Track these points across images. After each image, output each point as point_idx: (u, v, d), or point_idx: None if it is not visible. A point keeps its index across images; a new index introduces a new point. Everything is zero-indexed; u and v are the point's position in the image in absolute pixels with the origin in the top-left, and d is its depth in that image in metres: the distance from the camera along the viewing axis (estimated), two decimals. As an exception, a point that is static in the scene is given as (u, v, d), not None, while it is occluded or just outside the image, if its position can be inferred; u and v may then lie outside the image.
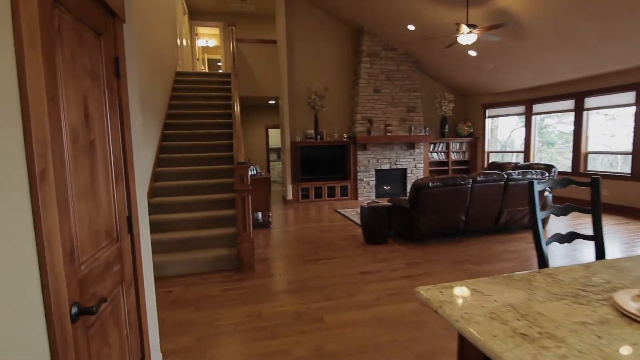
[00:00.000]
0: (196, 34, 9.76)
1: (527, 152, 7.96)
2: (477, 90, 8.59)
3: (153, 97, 4.77)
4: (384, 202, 4.63)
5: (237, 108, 4.81)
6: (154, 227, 3.96)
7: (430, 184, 4.13)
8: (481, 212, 4.54)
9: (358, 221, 5.74)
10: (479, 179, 4.36)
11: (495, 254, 4.06)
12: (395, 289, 3.12)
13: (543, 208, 4.95)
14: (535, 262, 3.68)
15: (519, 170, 4.66)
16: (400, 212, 4.57)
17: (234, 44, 7.06)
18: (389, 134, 8.05)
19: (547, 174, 4.85)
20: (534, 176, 4.58)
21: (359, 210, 6.77)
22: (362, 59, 7.89)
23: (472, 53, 7.03)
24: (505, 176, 4.50)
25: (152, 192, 4.31)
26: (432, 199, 4.19)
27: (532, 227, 1.66)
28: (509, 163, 7.11)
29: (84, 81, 1.19)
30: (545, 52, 5.88)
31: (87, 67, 1.22)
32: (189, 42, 9.42)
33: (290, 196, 7.79)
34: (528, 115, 7.88)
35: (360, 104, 7.94)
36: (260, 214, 5.65)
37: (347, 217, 6.17)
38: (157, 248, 3.76)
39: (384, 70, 8.06)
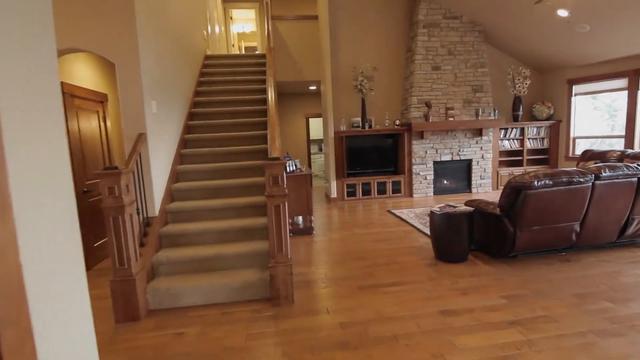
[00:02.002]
0: (231, 18, 9.02)
1: (629, 136, 6.34)
2: (561, 63, 7.02)
3: (175, 84, 4.00)
4: (460, 205, 3.51)
5: (272, 92, 3.90)
6: (169, 241, 3.18)
7: (536, 183, 2.95)
8: (603, 219, 3.28)
9: (419, 226, 4.66)
10: (604, 174, 3.10)
11: (633, 282, 2.82)
12: (507, 347, 2.04)
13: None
14: None
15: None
16: (484, 220, 3.43)
17: (269, 20, 6.17)
18: (450, 118, 6.78)
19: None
20: (685, 169, 3.22)
21: (416, 211, 5.65)
22: (418, 30, 6.67)
23: (563, 13, 5.57)
24: (642, 170, 3.19)
25: (170, 196, 3.53)
26: (538, 203, 3.01)
27: None
28: (612, 151, 5.60)
29: None
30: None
31: None
32: (223, 28, 8.70)
33: (334, 194, 6.83)
34: (632, 90, 6.24)
35: (416, 84, 6.74)
36: (300, 218, 4.75)
37: (404, 220, 5.09)
38: (171, 269, 2.97)
39: (445, 43, 6.77)
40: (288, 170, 4.52)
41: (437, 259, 3.51)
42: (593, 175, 3.10)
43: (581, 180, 3.05)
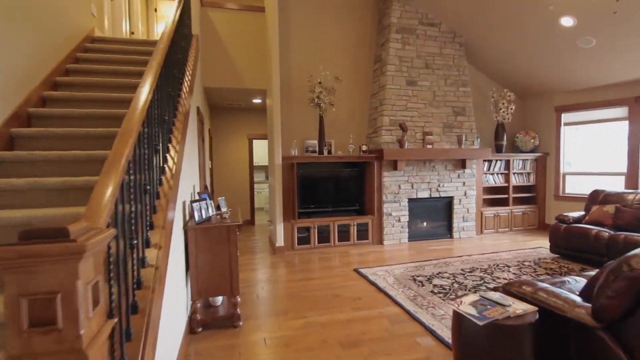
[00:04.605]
0: (155, 10, 7.15)
1: (633, 173, 5.37)
2: (548, 88, 6.06)
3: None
4: (511, 300, 1.90)
5: (153, 78, 2.12)
6: None
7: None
8: None
9: (407, 306, 2.98)
10: None
11: None
12: None
13: None
14: None
15: None
16: (553, 325, 1.84)
17: (197, 3, 4.44)
18: (429, 146, 5.40)
19: None
20: None
21: (395, 271, 4.02)
22: (390, 36, 5.33)
23: (567, 22, 4.52)
24: None
25: None
26: (692, 315, 1.48)
27: None
28: (633, 193, 4.50)
29: None
30: None
31: None
32: (141, 25, 6.81)
33: (280, 241, 5.02)
34: (634, 120, 5.34)
35: (388, 101, 5.32)
36: (219, 300, 2.85)
37: (382, 292, 3.41)
38: None
39: (422, 53, 5.49)
40: (199, 217, 2.66)
41: (470, 404, 1.82)
42: None
43: None
